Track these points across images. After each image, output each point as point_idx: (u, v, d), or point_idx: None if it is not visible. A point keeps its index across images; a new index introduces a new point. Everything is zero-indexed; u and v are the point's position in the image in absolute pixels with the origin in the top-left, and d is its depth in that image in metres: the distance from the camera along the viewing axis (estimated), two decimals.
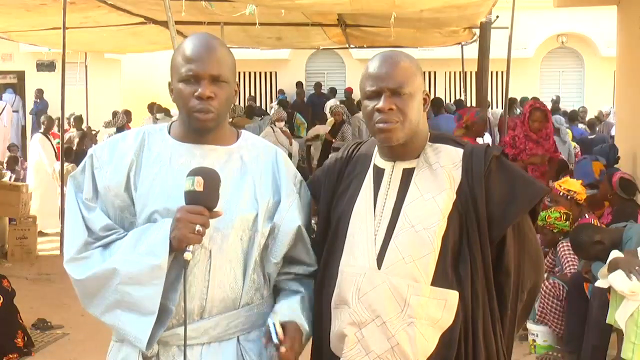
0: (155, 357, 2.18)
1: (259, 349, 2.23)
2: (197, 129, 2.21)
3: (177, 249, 2.06)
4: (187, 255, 2.05)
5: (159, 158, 2.23)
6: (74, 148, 11.95)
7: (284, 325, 2.15)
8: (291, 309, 2.24)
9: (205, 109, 2.15)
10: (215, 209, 2.08)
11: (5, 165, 10.82)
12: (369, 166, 2.33)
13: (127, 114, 14.34)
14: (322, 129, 13.20)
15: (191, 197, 2.06)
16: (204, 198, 2.06)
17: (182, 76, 2.16)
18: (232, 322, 2.20)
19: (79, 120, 13.01)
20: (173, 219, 2.07)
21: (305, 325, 2.23)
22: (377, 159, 2.33)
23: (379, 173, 2.30)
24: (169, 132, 2.29)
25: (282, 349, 2.09)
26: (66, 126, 12.28)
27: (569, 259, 5.44)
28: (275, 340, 2.10)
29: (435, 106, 11.89)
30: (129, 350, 2.18)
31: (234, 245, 2.19)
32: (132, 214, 2.20)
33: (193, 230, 2.03)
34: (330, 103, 15.68)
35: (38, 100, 17.74)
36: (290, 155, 10.92)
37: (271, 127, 11.36)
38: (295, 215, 2.26)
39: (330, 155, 2.55)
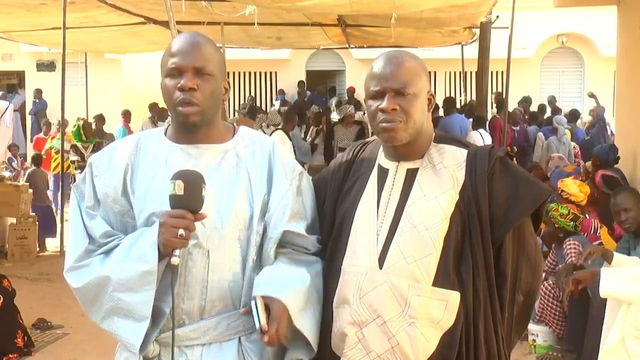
0: (157, 358, 2.18)
1: (260, 349, 2.22)
2: (182, 124, 2.20)
3: (165, 254, 2.06)
4: (174, 260, 2.05)
5: (155, 160, 2.23)
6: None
7: (268, 304, 2.07)
8: (278, 281, 2.13)
9: (187, 100, 2.14)
10: (201, 211, 2.07)
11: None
12: (373, 166, 2.33)
13: (127, 114, 14.29)
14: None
15: (173, 201, 2.06)
16: (185, 201, 2.05)
17: (167, 70, 2.18)
18: (233, 322, 2.20)
19: (100, 119, 12.78)
20: (158, 224, 2.07)
21: (290, 303, 2.10)
22: (382, 159, 2.33)
23: (383, 173, 2.30)
24: (165, 134, 2.29)
25: (265, 338, 2.04)
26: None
27: (574, 256, 5.42)
28: (257, 326, 2.05)
29: (448, 106, 11.56)
30: (129, 353, 2.17)
31: (232, 244, 2.18)
32: (132, 218, 2.21)
33: (176, 235, 2.03)
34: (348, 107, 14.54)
35: (37, 100, 17.77)
36: None
37: (261, 129, 11.28)
38: (284, 214, 2.21)
39: (337, 155, 2.54)
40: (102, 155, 2.30)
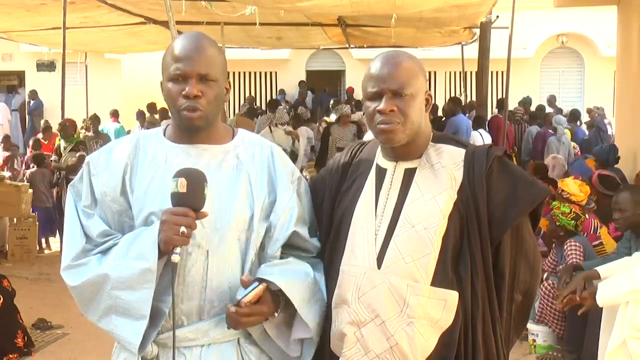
0: (155, 359, 2.18)
1: (259, 350, 2.22)
2: (185, 127, 2.20)
3: (165, 252, 2.06)
4: (175, 258, 2.04)
5: (154, 160, 2.23)
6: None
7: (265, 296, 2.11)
8: (286, 272, 2.18)
9: (192, 107, 2.14)
10: (202, 210, 2.07)
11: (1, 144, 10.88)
12: (371, 166, 2.33)
13: (116, 113, 14.26)
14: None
15: (176, 199, 2.06)
16: (187, 199, 2.05)
17: (171, 75, 2.17)
18: None
19: (95, 119, 12.71)
20: (159, 222, 2.08)
21: (294, 294, 2.15)
22: (380, 159, 2.33)
23: (381, 173, 2.30)
24: (164, 134, 2.29)
25: (232, 308, 2.07)
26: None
27: (574, 257, 5.43)
28: (238, 297, 2.08)
29: (455, 105, 11.49)
30: (128, 353, 2.17)
31: (232, 245, 2.18)
32: (130, 217, 2.21)
33: (178, 232, 2.02)
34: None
35: (32, 101, 17.80)
36: (295, 156, 10.88)
37: (269, 128, 11.30)
38: (292, 216, 2.23)
39: (335, 155, 2.54)
40: (100, 154, 2.30)
